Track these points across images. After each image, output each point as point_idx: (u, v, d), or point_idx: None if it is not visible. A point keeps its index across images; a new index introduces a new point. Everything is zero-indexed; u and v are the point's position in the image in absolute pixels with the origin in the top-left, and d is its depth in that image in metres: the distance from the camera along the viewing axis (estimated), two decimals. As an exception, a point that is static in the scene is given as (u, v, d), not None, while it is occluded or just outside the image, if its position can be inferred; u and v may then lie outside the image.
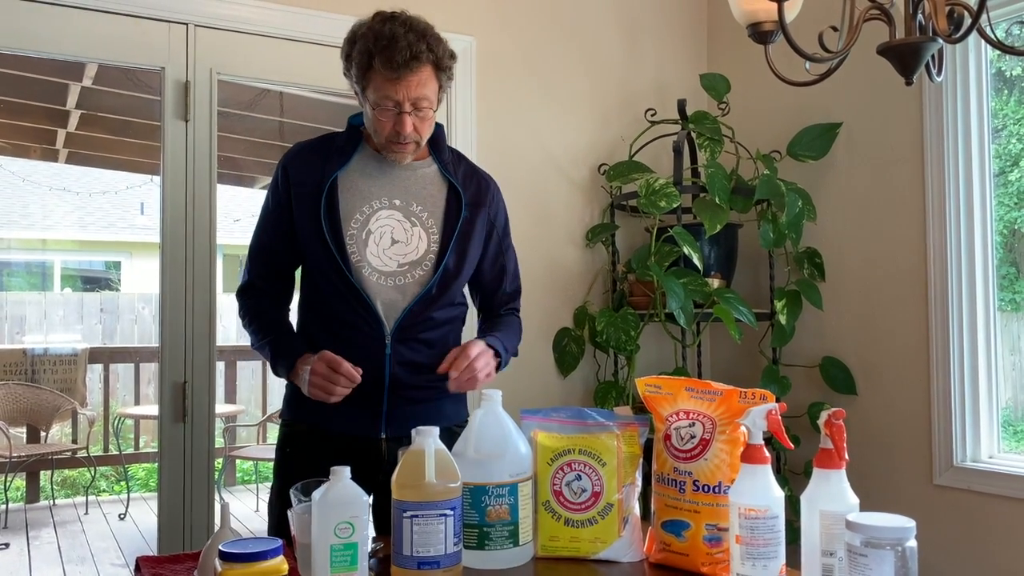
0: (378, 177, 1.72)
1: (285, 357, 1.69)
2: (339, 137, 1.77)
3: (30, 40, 2.33)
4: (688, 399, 1.37)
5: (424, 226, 1.72)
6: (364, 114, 1.70)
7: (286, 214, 1.72)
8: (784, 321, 2.73)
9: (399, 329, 1.67)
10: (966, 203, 2.45)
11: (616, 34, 3.15)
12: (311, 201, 1.68)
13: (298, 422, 1.75)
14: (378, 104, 1.62)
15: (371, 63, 1.59)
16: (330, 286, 1.68)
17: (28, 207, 11.09)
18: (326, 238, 1.65)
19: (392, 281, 1.68)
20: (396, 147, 1.67)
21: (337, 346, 1.64)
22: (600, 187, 3.05)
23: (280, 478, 1.75)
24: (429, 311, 1.71)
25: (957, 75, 2.47)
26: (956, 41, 1.37)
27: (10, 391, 5.67)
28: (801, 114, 2.87)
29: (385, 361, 1.67)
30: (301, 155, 1.76)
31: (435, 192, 1.75)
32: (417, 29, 1.61)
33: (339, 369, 1.56)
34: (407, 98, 1.60)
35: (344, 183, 1.70)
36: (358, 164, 1.73)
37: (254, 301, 1.80)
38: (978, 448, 2.45)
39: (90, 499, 5.91)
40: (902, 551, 1.02)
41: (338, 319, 1.69)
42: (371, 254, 1.68)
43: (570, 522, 1.39)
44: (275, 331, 1.75)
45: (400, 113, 1.61)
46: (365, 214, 1.69)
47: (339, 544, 1.18)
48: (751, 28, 1.55)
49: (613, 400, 2.81)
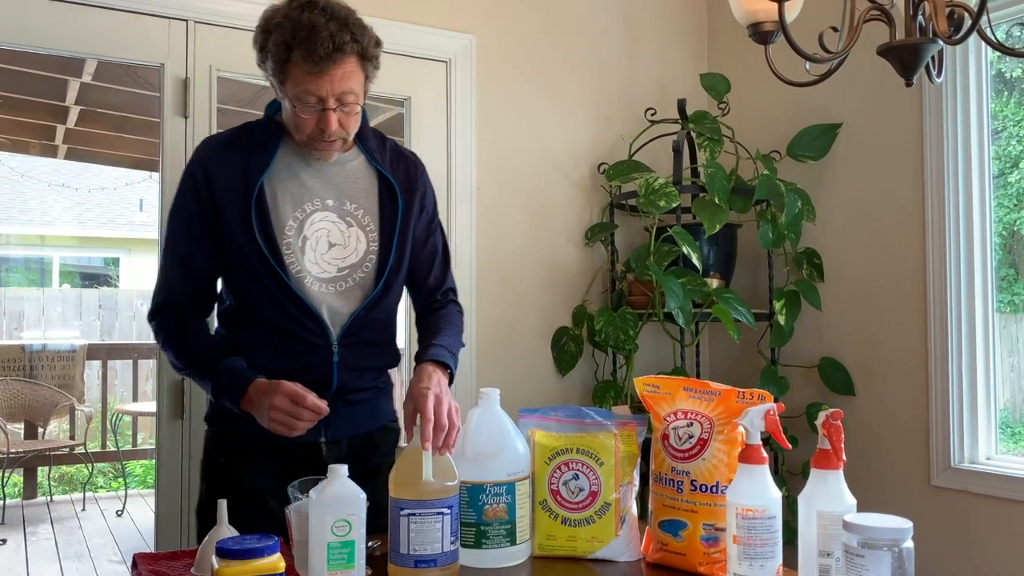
0: (307, 176, 1.59)
1: (233, 387, 1.51)
2: (256, 129, 1.62)
3: (30, 35, 2.32)
4: (686, 399, 1.37)
5: (360, 225, 1.62)
6: (283, 108, 1.57)
7: (210, 220, 1.56)
8: (783, 321, 2.73)
9: (345, 335, 1.59)
10: (965, 204, 2.45)
11: (616, 33, 3.14)
12: (239, 207, 1.54)
13: (230, 429, 1.62)
14: (299, 100, 1.48)
15: (290, 56, 1.45)
16: (267, 296, 1.56)
17: (27, 203, 11.09)
18: (261, 248, 1.53)
19: (333, 287, 1.59)
20: (321, 145, 1.55)
21: (279, 358, 1.56)
22: (600, 186, 3.05)
23: (211, 486, 1.64)
24: (374, 313, 1.63)
25: (957, 76, 2.47)
26: (956, 42, 1.37)
27: (8, 387, 5.67)
28: (801, 114, 2.87)
29: (333, 368, 1.59)
30: (220, 153, 1.59)
31: (366, 186, 1.64)
32: (339, 17, 1.47)
33: (304, 403, 1.43)
34: (331, 93, 1.47)
35: (271, 185, 1.57)
36: (283, 162, 1.59)
37: (176, 322, 1.60)
38: (976, 449, 2.45)
39: (87, 495, 5.91)
40: (899, 552, 1.02)
41: (278, 330, 1.57)
42: (309, 261, 1.57)
43: (567, 521, 1.39)
44: (213, 356, 1.56)
45: (324, 110, 1.49)
46: (299, 219, 1.57)
47: (336, 542, 1.18)
48: (751, 28, 1.55)
49: (611, 399, 2.81)
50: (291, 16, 1.46)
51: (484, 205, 2.87)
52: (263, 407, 1.45)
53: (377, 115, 4.78)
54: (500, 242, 2.90)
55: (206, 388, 1.56)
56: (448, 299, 1.78)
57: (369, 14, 2.66)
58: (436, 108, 2.83)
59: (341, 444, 1.63)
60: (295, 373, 1.51)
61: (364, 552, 1.22)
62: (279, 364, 1.54)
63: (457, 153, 2.83)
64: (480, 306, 2.85)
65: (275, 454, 1.57)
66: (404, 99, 2.82)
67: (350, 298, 1.60)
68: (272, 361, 1.55)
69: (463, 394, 2.79)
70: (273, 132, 1.60)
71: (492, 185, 2.89)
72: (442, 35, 2.81)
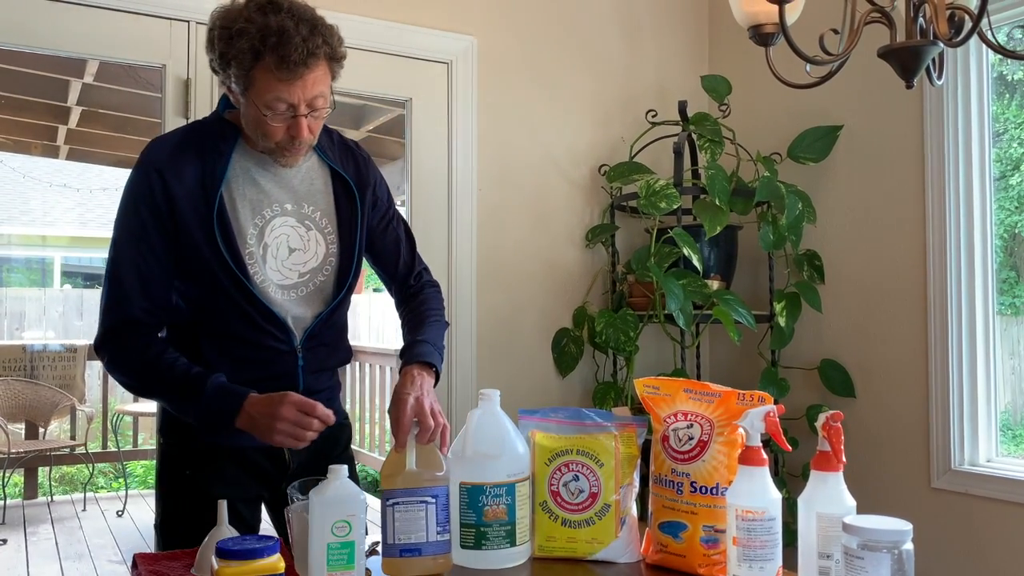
0: (264, 181, 1.53)
1: (226, 405, 1.42)
2: (208, 130, 1.53)
3: (32, 36, 2.33)
4: (686, 400, 1.37)
5: (318, 228, 1.57)
6: (243, 115, 1.47)
7: (168, 228, 1.47)
8: (783, 323, 2.73)
9: (308, 338, 1.56)
10: (966, 207, 2.45)
11: (617, 35, 3.15)
12: (201, 217, 1.46)
13: (189, 440, 1.53)
14: (269, 108, 1.41)
15: (257, 62, 1.37)
16: (232, 307, 1.49)
17: (29, 203, 11.10)
18: (226, 259, 1.46)
19: (295, 293, 1.55)
20: (288, 153, 1.48)
21: (245, 367, 1.51)
22: (600, 188, 3.05)
23: (175, 499, 1.59)
24: (336, 315, 1.62)
25: (958, 79, 2.47)
26: (957, 45, 1.37)
27: (9, 387, 5.67)
28: (802, 116, 2.87)
29: (298, 372, 1.55)
30: (175, 158, 1.48)
31: (321, 186, 1.59)
32: (307, 19, 1.39)
33: (313, 413, 1.38)
34: (303, 99, 1.41)
35: (229, 192, 1.49)
36: (239, 166, 1.52)
37: (142, 343, 1.48)
38: (976, 452, 2.45)
39: (88, 496, 5.91)
40: (899, 554, 1.02)
41: (242, 340, 1.52)
42: (271, 269, 1.52)
43: (567, 522, 1.39)
44: (193, 377, 1.44)
45: (295, 116, 1.42)
46: (259, 226, 1.52)
47: (336, 543, 1.18)
48: (752, 30, 1.55)
49: (612, 401, 2.81)
50: (256, 20, 1.37)
51: (485, 206, 2.87)
52: (266, 420, 1.39)
53: (378, 116, 4.79)
54: (501, 243, 2.90)
55: (187, 410, 1.45)
56: (422, 281, 1.74)
57: (370, 16, 2.69)
58: (437, 109, 2.83)
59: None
60: (262, 381, 1.48)
61: (364, 553, 1.23)
62: (245, 373, 1.49)
63: (458, 154, 2.83)
64: (481, 307, 2.86)
65: (239, 461, 1.55)
66: (405, 100, 2.82)
67: (311, 302, 1.57)
68: (237, 371, 1.49)
69: (463, 395, 2.79)
70: (226, 133, 1.52)
71: (493, 186, 2.89)
72: (443, 36, 2.81)
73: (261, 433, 1.41)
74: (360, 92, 2.88)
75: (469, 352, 2.83)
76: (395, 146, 5.34)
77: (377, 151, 5.54)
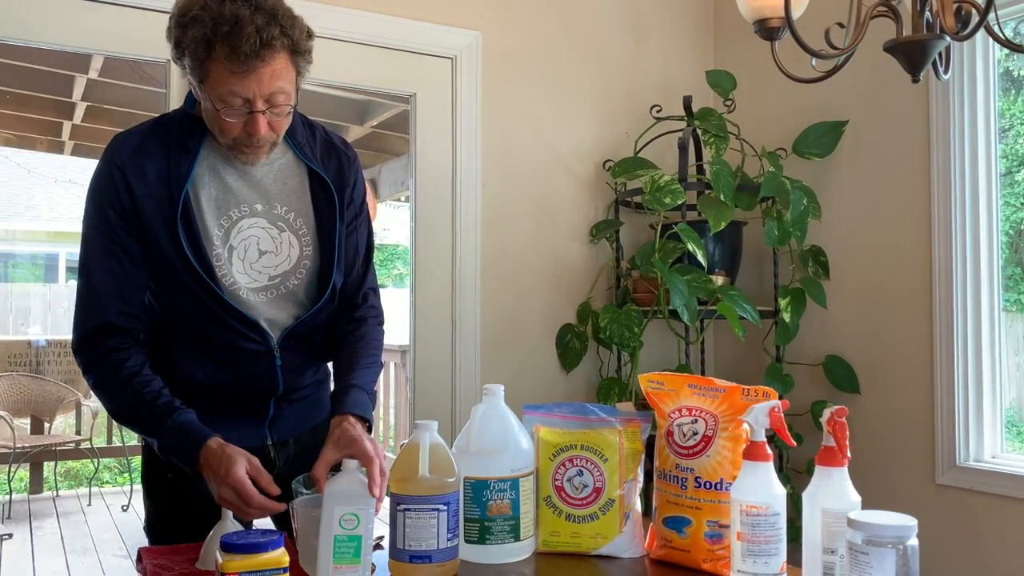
0: (231, 180, 1.46)
1: (183, 449, 1.35)
2: (173, 126, 1.46)
3: (37, 31, 2.33)
4: (691, 396, 1.37)
5: (292, 229, 1.50)
6: (203, 109, 1.41)
7: (134, 229, 1.41)
8: (788, 319, 2.73)
9: (286, 337, 1.51)
10: (972, 203, 2.45)
11: (622, 30, 3.14)
12: (164, 218, 1.40)
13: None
14: (223, 102, 1.33)
15: (210, 53, 1.30)
16: (202, 309, 1.43)
17: (33, 199, 11.12)
18: (191, 261, 1.40)
19: (265, 295, 1.49)
20: (248, 149, 1.41)
21: (220, 370, 1.47)
22: (605, 183, 3.05)
23: (157, 503, 1.56)
24: (320, 317, 1.54)
25: (964, 74, 2.46)
26: (964, 39, 1.36)
27: (15, 382, 5.69)
28: (807, 112, 2.86)
29: (277, 371, 1.51)
30: (137, 154, 1.42)
31: (296, 186, 1.51)
32: (265, 8, 1.31)
33: (250, 503, 1.28)
34: (259, 94, 1.32)
35: (195, 191, 1.43)
36: (206, 163, 1.44)
37: (119, 359, 1.40)
38: (981, 448, 2.45)
39: (93, 490, 5.93)
40: (903, 550, 1.02)
41: (216, 342, 1.47)
42: (238, 271, 1.46)
43: (571, 517, 1.39)
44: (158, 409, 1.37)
45: (251, 112, 1.34)
46: (224, 227, 1.45)
47: (343, 535, 1.18)
48: (758, 24, 1.55)
49: (616, 396, 2.81)
50: (211, 8, 1.29)
51: (489, 202, 2.87)
52: (214, 482, 1.32)
53: (382, 111, 4.79)
54: (505, 239, 2.90)
55: (151, 443, 1.40)
56: (367, 304, 1.63)
57: (374, 10, 2.68)
58: (441, 105, 2.83)
59: (288, 444, 1.59)
60: (240, 382, 1.46)
61: (371, 548, 1.23)
62: (222, 375, 1.47)
63: (462, 150, 2.83)
64: (484, 303, 2.85)
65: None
66: (409, 96, 2.82)
67: (285, 305, 1.51)
68: (214, 373, 1.46)
69: (467, 390, 2.80)
70: (194, 129, 1.44)
71: (497, 182, 2.89)
72: (447, 32, 2.81)
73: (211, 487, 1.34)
74: (364, 87, 2.88)
75: (473, 347, 2.83)
76: (399, 142, 5.34)
77: (381, 147, 5.55)
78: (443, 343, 2.81)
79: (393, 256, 12.14)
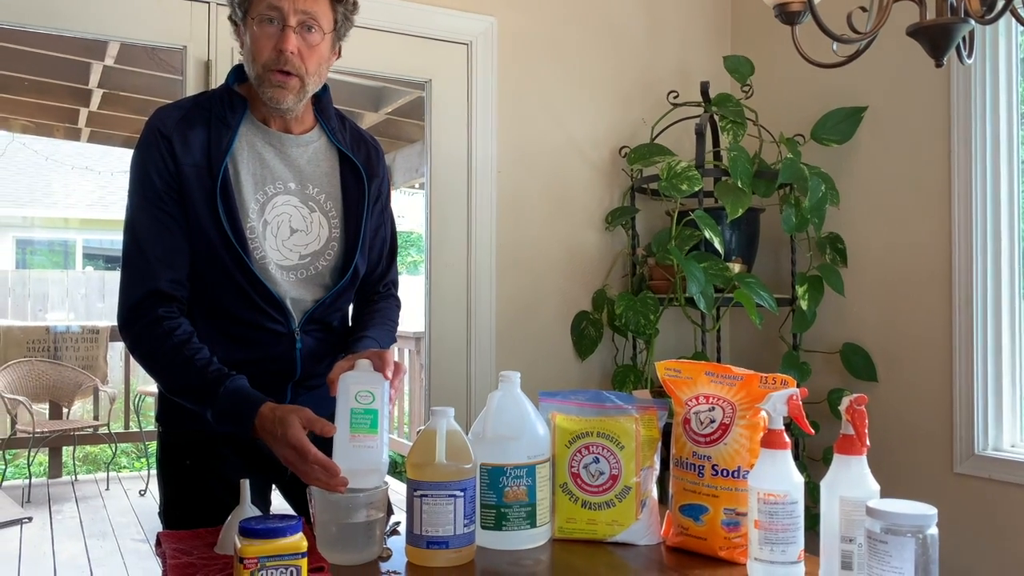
0: (269, 157, 1.52)
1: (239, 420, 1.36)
2: (215, 102, 1.51)
3: (54, 18, 2.34)
4: (708, 383, 1.36)
5: (323, 210, 1.55)
6: (244, 52, 1.49)
7: (176, 197, 1.44)
8: (805, 306, 2.71)
9: (307, 321, 1.54)
10: (993, 189, 2.42)
11: (639, 15, 3.12)
12: (203, 185, 1.44)
13: (188, 430, 1.52)
14: (261, 18, 1.43)
15: None
16: (229, 283, 1.46)
17: (51, 185, 11.20)
18: (227, 233, 1.44)
19: (294, 275, 1.52)
20: (277, 77, 1.44)
21: (240, 348, 1.49)
22: (621, 170, 3.03)
23: (176, 489, 1.57)
24: (340, 301, 1.59)
25: (986, 58, 2.42)
26: (989, 22, 1.34)
27: (33, 368, 5.75)
28: (826, 97, 2.83)
29: (296, 355, 1.53)
30: (182, 124, 1.47)
31: (328, 169, 1.58)
32: None
33: (307, 458, 1.27)
34: (294, 9, 1.42)
35: (234, 165, 1.48)
36: (246, 140, 1.50)
37: (169, 327, 1.41)
38: (1000, 437, 2.43)
39: (111, 475, 5.99)
40: (923, 538, 1.01)
41: (238, 319, 1.49)
42: (271, 247, 1.49)
43: (587, 504, 1.39)
44: (213, 379, 1.38)
45: (284, 27, 1.42)
46: (260, 202, 1.49)
47: (359, 408, 1.24)
48: (778, 8, 1.53)
49: (631, 384, 2.80)
50: None
51: (504, 189, 2.86)
52: (274, 446, 1.33)
53: (397, 98, 4.78)
54: (520, 226, 2.89)
55: (204, 413, 1.40)
56: (388, 292, 1.71)
57: (390, -4, 2.67)
58: (457, 91, 2.82)
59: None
60: (257, 363, 1.48)
61: (387, 424, 1.29)
62: (240, 354, 1.48)
63: (477, 136, 2.82)
64: (500, 290, 2.85)
65: (239, 450, 1.51)
66: (425, 82, 2.81)
67: (311, 286, 1.54)
68: (233, 351, 1.47)
69: (483, 377, 2.80)
70: (236, 105, 1.51)
71: (512, 169, 2.88)
72: (463, 17, 2.80)
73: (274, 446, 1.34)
74: (379, 73, 2.87)
75: (489, 335, 2.83)
76: (414, 128, 5.33)
77: (396, 133, 5.54)
78: (458, 330, 2.81)
79: (408, 243, 12.15)
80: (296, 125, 1.56)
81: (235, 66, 1.55)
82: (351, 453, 1.26)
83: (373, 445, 1.26)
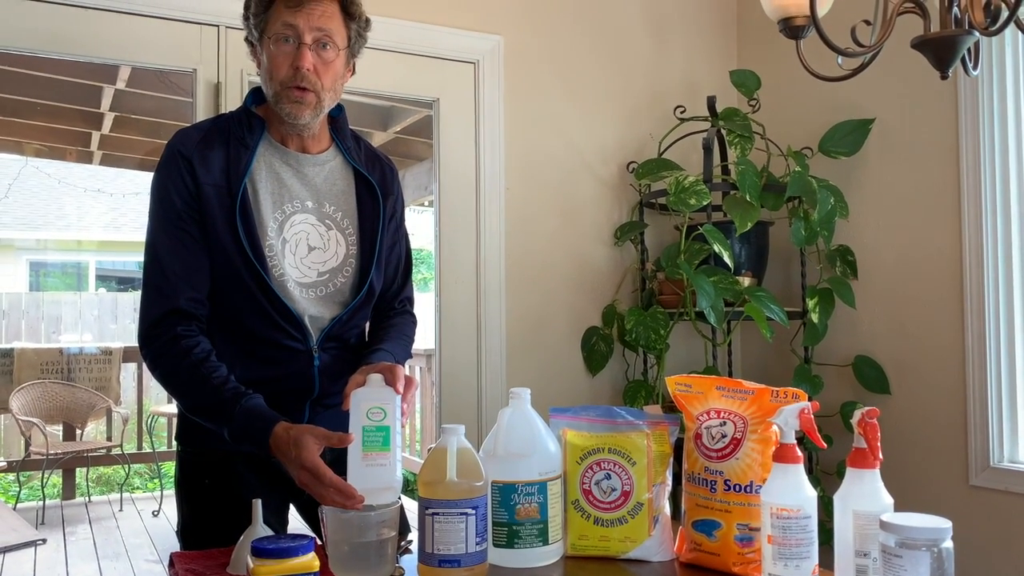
0: (287, 176, 1.55)
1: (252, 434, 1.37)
2: (234, 123, 1.55)
3: (65, 43, 2.37)
4: (719, 398, 1.36)
5: (339, 228, 1.58)
6: (262, 71, 1.52)
7: (197, 217, 1.47)
8: (816, 319, 2.70)
9: (325, 339, 1.56)
10: (1002, 199, 2.41)
11: (645, 31, 3.13)
12: (222, 204, 1.47)
13: (207, 449, 1.53)
14: (277, 37, 1.47)
15: (273, 2, 1.48)
16: (249, 301, 1.48)
17: (63, 208, 11.28)
18: (246, 251, 1.46)
19: (313, 292, 1.54)
20: (294, 93, 1.47)
21: (259, 366, 1.50)
22: (629, 185, 3.04)
23: (194, 508, 1.58)
24: (356, 318, 1.61)
25: (994, 69, 2.42)
26: (993, 34, 1.34)
27: (47, 389, 5.77)
28: (833, 110, 2.83)
29: (314, 373, 1.54)
30: (201, 145, 1.50)
31: (344, 187, 1.60)
32: None
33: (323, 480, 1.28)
34: (308, 27, 1.46)
35: (253, 184, 1.51)
36: (264, 160, 1.53)
37: (188, 345, 1.43)
38: (1015, 449, 2.41)
39: (124, 496, 6.00)
40: (938, 552, 1.00)
41: (257, 336, 1.50)
42: (290, 265, 1.52)
43: (600, 521, 1.38)
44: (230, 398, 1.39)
45: (300, 45, 1.46)
46: (279, 220, 1.52)
47: (371, 426, 1.24)
48: (782, 23, 1.54)
49: (643, 399, 2.80)
50: None
51: (513, 205, 2.87)
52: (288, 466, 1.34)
53: (406, 117, 4.80)
54: (529, 242, 2.90)
55: (221, 432, 1.41)
56: (404, 309, 1.73)
57: (397, 16, 2.70)
58: (464, 109, 2.84)
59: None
60: (276, 381, 1.49)
61: (399, 441, 1.29)
62: (259, 372, 1.49)
63: (485, 154, 2.83)
64: (509, 306, 2.86)
65: (257, 469, 1.52)
66: (432, 101, 2.83)
67: (329, 304, 1.56)
68: (252, 369, 1.49)
69: (493, 394, 2.80)
70: (254, 126, 1.54)
71: (521, 185, 2.89)
72: (470, 36, 2.82)
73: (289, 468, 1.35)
74: (388, 93, 2.89)
75: (499, 351, 2.83)
76: (423, 147, 5.36)
77: (405, 152, 5.56)
78: (469, 347, 2.81)
79: (417, 260, 12.14)
80: (313, 145, 1.59)
81: (253, 88, 1.59)
82: (365, 472, 1.26)
83: (386, 463, 1.27)
